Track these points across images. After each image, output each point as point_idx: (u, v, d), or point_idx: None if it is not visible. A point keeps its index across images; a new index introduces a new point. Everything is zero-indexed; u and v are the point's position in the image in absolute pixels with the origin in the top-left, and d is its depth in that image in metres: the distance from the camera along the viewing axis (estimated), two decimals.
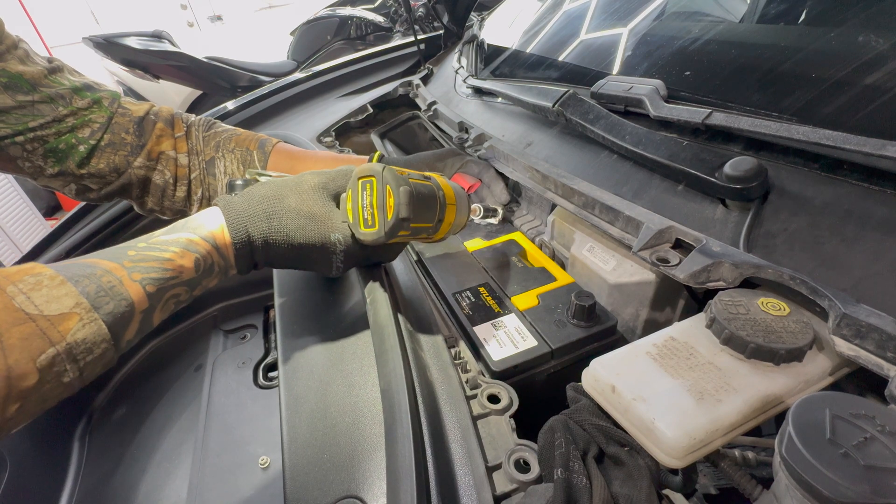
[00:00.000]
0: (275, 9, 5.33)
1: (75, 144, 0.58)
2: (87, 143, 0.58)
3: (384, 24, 3.49)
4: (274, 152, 0.68)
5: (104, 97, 0.60)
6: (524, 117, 0.80)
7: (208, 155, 0.67)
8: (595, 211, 0.55)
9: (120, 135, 0.60)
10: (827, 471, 0.23)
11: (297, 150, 0.71)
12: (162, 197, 0.66)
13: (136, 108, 0.62)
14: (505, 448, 0.37)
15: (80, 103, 0.58)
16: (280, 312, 0.61)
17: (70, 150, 0.58)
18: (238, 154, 0.67)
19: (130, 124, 0.61)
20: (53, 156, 0.57)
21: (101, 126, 0.59)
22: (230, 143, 0.68)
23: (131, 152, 0.61)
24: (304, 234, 0.43)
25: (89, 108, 0.59)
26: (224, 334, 1.17)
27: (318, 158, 0.70)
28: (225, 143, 0.68)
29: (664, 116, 0.54)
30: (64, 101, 0.56)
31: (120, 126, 0.60)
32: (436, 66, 1.29)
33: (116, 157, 0.60)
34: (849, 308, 0.33)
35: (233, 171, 0.67)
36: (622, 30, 0.74)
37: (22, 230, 2.89)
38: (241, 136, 0.69)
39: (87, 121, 0.58)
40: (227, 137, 0.68)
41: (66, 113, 0.56)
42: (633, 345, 0.38)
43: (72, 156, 0.58)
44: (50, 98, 0.55)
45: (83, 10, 4.59)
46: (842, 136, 0.39)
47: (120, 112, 0.61)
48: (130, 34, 2.94)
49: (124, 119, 0.61)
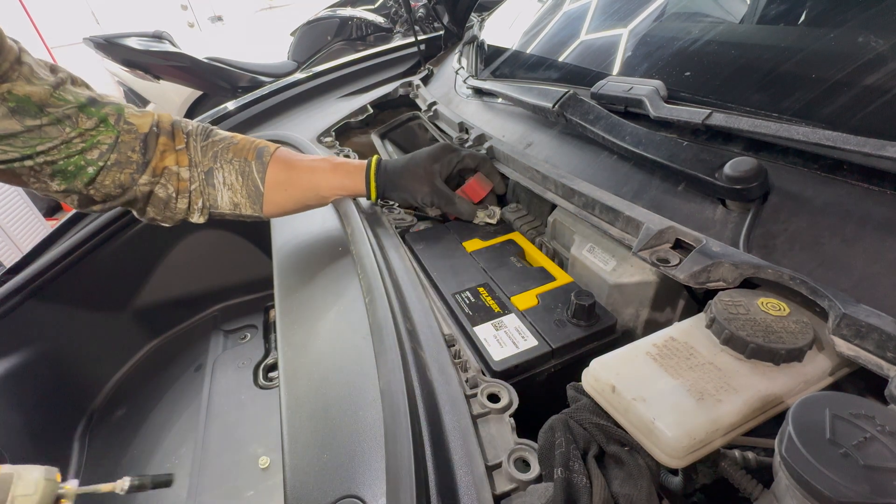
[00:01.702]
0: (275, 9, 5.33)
1: (84, 166, 0.58)
2: (95, 165, 0.58)
3: (384, 25, 3.49)
4: (272, 163, 0.69)
5: (110, 114, 0.60)
6: (524, 118, 0.81)
7: (206, 166, 0.67)
8: (595, 211, 0.55)
9: (126, 153, 0.61)
10: (827, 471, 0.23)
11: (293, 159, 0.71)
12: (164, 208, 0.66)
13: (140, 121, 0.63)
14: (505, 447, 0.37)
15: (87, 124, 0.58)
16: (280, 312, 0.61)
17: (79, 171, 0.58)
18: (236, 165, 0.68)
19: (136, 142, 0.61)
20: (61, 176, 0.58)
21: (109, 147, 0.59)
22: (228, 154, 0.68)
23: (137, 170, 0.62)
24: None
25: (96, 129, 0.59)
26: (224, 334, 1.17)
27: (314, 167, 0.71)
28: (223, 154, 0.68)
29: (664, 117, 0.54)
30: (71, 122, 0.56)
31: (126, 145, 0.61)
32: (436, 67, 1.29)
33: (122, 176, 0.61)
34: (849, 308, 0.33)
35: (231, 182, 0.68)
36: (622, 30, 0.75)
37: (22, 230, 2.89)
38: (238, 144, 0.69)
39: (95, 143, 0.58)
40: (225, 147, 0.68)
41: (73, 135, 0.57)
42: (633, 345, 0.38)
43: (80, 176, 0.58)
44: (57, 120, 0.55)
45: (84, 11, 4.60)
46: (842, 136, 0.39)
47: (125, 129, 0.61)
48: (131, 35, 2.95)
49: (130, 137, 0.61)
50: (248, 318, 1.20)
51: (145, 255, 1.15)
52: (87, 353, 1.06)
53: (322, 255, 0.69)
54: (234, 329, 1.18)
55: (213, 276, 1.24)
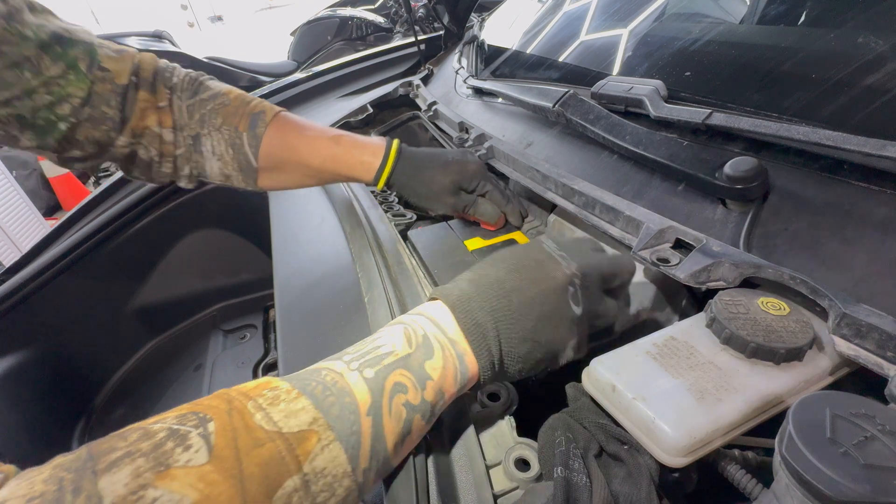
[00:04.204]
0: (275, 9, 5.34)
1: (54, 122, 0.51)
2: (67, 122, 0.51)
3: (384, 25, 3.50)
4: (268, 136, 0.61)
5: (80, 58, 0.51)
6: (524, 117, 0.81)
7: (193, 130, 0.59)
8: (595, 211, 0.55)
9: (100, 108, 0.53)
10: (827, 470, 0.23)
11: (294, 133, 0.63)
12: (148, 170, 0.60)
13: (118, 67, 0.54)
14: (505, 446, 0.37)
15: (53, 70, 0.49)
16: (280, 312, 0.61)
17: (49, 126, 0.51)
18: (226, 134, 0.60)
19: (112, 95, 0.53)
20: (31, 131, 0.51)
21: (82, 100, 0.51)
22: (217, 119, 0.60)
23: (113, 128, 0.54)
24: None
25: (64, 77, 0.50)
26: (224, 334, 1.17)
27: (319, 145, 0.63)
28: (211, 118, 0.60)
29: (664, 117, 0.54)
30: (31, 66, 0.47)
31: (100, 98, 0.53)
32: (436, 67, 1.29)
33: (97, 133, 0.54)
34: (849, 308, 0.33)
35: (221, 152, 0.60)
36: (622, 30, 0.75)
37: (22, 230, 2.89)
38: (229, 107, 0.60)
39: (64, 95, 0.50)
40: (214, 110, 0.60)
41: (36, 84, 0.48)
42: (633, 344, 0.38)
43: (51, 133, 0.51)
44: (14, 63, 0.46)
45: (83, 11, 4.60)
46: (842, 136, 0.39)
47: (100, 77, 0.52)
48: (131, 34, 2.95)
49: (105, 88, 0.53)
50: (248, 318, 1.20)
51: (145, 254, 1.15)
52: (86, 353, 1.06)
53: (322, 254, 0.69)
54: (234, 329, 1.18)
55: (213, 275, 1.24)
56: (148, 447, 0.23)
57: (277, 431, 0.26)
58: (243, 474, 0.24)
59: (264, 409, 0.27)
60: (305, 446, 0.26)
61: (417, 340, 0.33)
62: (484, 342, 0.34)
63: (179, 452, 0.23)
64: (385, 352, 0.33)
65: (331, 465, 0.27)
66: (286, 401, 0.27)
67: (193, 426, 0.25)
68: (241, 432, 0.25)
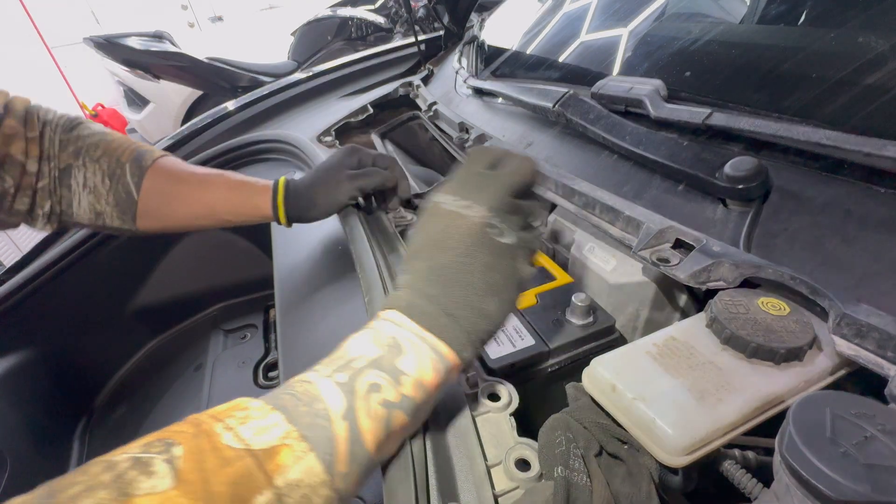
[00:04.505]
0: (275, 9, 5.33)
1: None
2: None
3: (385, 25, 3.49)
4: (153, 170, 0.57)
5: None
6: (524, 117, 0.81)
7: (64, 162, 0.55)
8: (595, 211, 0.55)
9: None
10: (827, 469, 0.23)
11: (182, 170, 0.59)
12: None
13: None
14: (505, 446, 0.37)
15: None
16: (280, 312, 0.61)
17: None
18: (104, 165, 0.56)
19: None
20: None
21: None
22: (96, 151, 0.56)
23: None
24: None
25: None
26: (224, 334, 1.17)
27: (208, 182, 0.60)
28: (90, 151, 0.56)
29: (664, 117, 0.54)
30: None
31: None
32: (436, 67, 1.29)
33: None
34: (849, 308, 0.33)
35: (95, 184, 0.56)
36: (622, 30, 0.75)
37: (21, 230, 2.89)
38: (112, 142, 0.57)
39: None
40: (94, 143, 0.57)
41: None
42: (633, 344, 0.38)
43: None
44: None
45: (84, 11, 4.60)
46: (842, 136, 0.39)
47: None
48: (131, 34, 2.95)
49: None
50: (248, 318, 1.20)
51: (145, 254, 1.15)
52: (87, 353, 1.06)
53: (322, 254, 0.69)
54: (234, 328, 1.18)
55: (213, 275, 1.24)
56: (109, 479, 0.23)
57: (247, 449, 0.26)
58: (211, 495, 0.23)
59: (233, 429, 0.26)
60: (276, 460, 0.26)
61: (386, 342, 0.33)
62: (446, 329, 0.34)
63: (143, 480, 0.23)
64: (354, 356, 0.33)
65: (306, 476, 0.27)
66: (257, 418, 0.28)
67: (157, 452, 0.24)
68: (208, 454, 0.25)
